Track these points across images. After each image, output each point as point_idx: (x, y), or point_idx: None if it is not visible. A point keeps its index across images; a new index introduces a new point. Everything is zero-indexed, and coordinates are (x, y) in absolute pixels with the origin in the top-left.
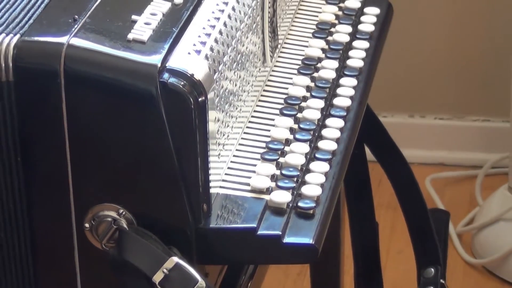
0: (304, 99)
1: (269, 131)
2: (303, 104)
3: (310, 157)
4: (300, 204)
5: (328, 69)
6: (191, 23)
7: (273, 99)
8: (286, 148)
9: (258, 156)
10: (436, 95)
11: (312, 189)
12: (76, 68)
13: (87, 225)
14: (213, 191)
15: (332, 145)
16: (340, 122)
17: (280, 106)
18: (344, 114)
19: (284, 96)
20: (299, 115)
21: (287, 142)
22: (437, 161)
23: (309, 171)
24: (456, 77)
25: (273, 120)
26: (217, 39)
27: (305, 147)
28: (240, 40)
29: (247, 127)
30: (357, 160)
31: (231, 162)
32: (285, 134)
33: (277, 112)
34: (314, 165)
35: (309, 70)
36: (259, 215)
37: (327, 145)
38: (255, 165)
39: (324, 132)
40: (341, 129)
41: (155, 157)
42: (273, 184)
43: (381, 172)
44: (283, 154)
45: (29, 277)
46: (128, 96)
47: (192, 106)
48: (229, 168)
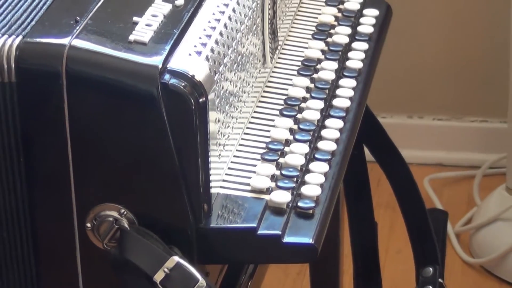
0: (304, 100)
1: (269, 132)
2: (303, 105)
3: (310, 158)
4: (300, 204)
5: (328, 70)
6: (192, 25)
7: (273, 100)
8: (286, 149)
9: (258, 157)
10: (435, 96)
11: (312, 189)
12: (78, 69)
13: (89, 225)
14: (214, 191)
15: (332, 146)
16: (340, 123)
17: (280, 107)
18: (344, 115)
19: (284, 97)
20: (299, 116)
21: (287, 143)
22: (436, 162)
23: (309, 172)
24: (454, 78)
25: (273, 121)
26: (218, 41)
27: (305, 148)
28: (241, 42)
29: (247, 128)
30: (356, 161)
31: (232, 163)
32: (285, 135)
33: (277, 113)
34: (314, 166)
35: (309, 71)
36: (259, 215)
37: (327, 146)
38: (255, 166)
39: (324, 133)
40: (341, 130)
41: (156, 158)
42: (273, 184)
43: (380, 172)
44: (283, 155)
45: (31, 277)
46: (130, 97)
47: (193, 107)
48: (230, 168)
